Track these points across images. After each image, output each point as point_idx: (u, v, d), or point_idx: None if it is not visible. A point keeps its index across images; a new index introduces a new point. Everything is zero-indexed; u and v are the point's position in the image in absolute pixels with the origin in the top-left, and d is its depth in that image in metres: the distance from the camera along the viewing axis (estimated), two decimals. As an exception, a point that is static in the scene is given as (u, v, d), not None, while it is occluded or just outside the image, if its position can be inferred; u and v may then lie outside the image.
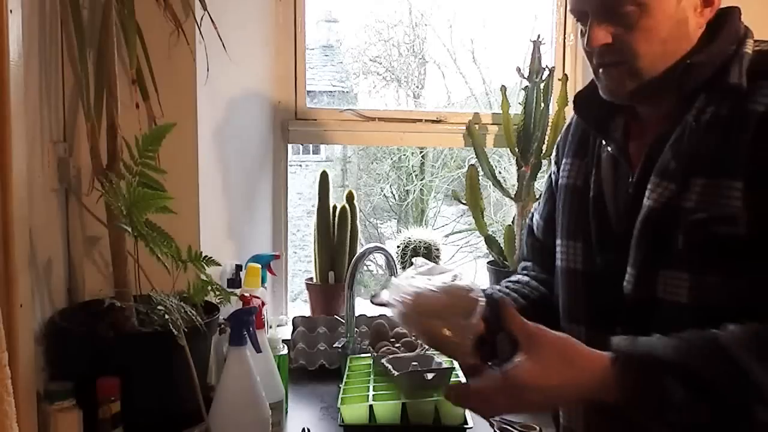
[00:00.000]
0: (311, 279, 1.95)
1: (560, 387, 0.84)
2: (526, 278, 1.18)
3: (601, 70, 0.97)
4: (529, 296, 1.13)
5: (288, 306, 2.00)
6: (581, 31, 0.98)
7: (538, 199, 1.95)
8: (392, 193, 6.18)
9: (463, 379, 1.38)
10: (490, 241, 1.96)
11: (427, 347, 1.57)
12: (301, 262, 3.98)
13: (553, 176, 1.16)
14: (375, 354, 1.56)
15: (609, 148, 1.02)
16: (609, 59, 0.94)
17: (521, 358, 0.85)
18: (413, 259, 1.09)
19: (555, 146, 1.17)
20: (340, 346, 1.63)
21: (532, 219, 1.22)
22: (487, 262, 2.03)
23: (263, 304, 1.44)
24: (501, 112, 1.92)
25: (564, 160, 1.11)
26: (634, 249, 0.93)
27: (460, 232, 5.36)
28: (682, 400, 0.79)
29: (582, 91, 1.07)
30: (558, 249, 1.08)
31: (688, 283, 0.88)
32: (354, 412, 1.32)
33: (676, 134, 0.92)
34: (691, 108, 0.92)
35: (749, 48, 0.92)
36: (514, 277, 1.20)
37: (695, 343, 0.82)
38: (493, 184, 1.97)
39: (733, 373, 0.79)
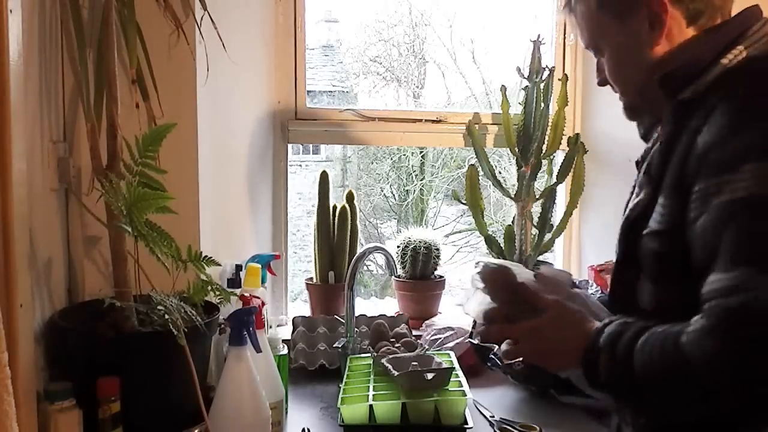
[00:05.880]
0: (311, 279, 1.95)
1: (550, 344, 0.95)
2: None
3: None
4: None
5: (288, 306, 2.00)
6: None
7: (538, 198, 1.97)
8: (392, 193, 6.18)
9: (464, 380, 1.39)
10: (490, 241, 1.96)
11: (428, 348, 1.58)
12: (301, 262, 3.97)
13: None
14: (375, 354, 1.56)
15: None
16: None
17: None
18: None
19: None
20: (340, 346, 1.63)
21: None
22: (487, 262, 2.03)
23: (263, 304, 1.44)
24: (501, 112, 1.92)
25: None
26: (616, 252, 0.99)
27: (460, 232, 5.37)
28: (605, 380, 0.87)
29: None
30: None
31: (651, 290, 0.91)
32: (354, 412, 1.32)
33: (660, 144, 0.95)
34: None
35: (730, 58, 0.88)
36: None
37: (638, 334, 0.84)
38: (493, 184, 1.97)
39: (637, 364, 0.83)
